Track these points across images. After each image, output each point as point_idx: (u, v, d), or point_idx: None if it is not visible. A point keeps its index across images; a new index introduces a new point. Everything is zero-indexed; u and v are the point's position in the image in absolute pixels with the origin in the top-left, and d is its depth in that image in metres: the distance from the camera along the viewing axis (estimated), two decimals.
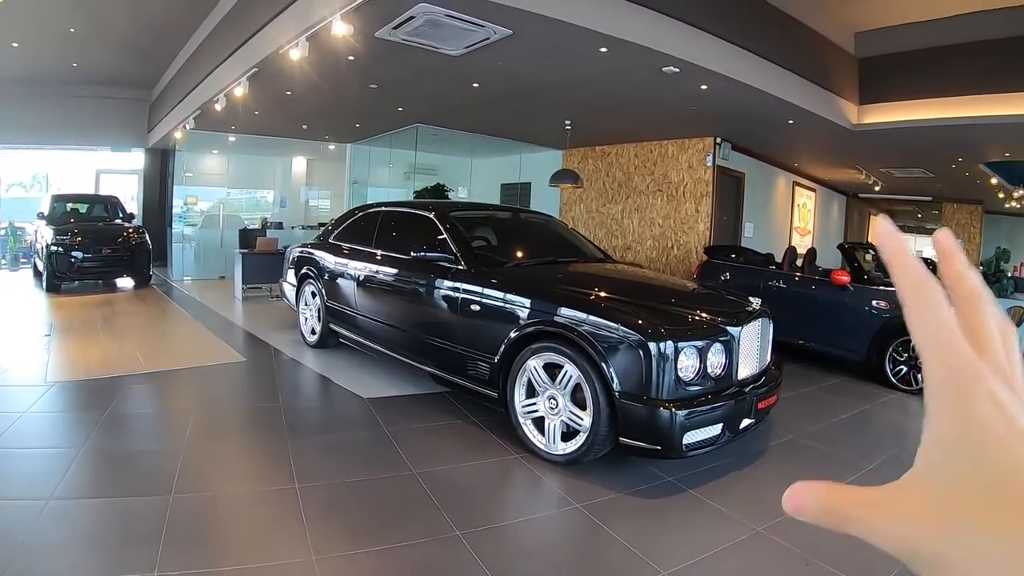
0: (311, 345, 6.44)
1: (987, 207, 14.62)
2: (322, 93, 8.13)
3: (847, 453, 4.24)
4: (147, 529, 2.75)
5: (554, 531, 3.10)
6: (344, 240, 6.12)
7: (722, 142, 9.77)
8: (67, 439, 3.86)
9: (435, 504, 3.17)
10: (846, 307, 6.52)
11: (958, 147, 9.30)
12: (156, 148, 13.97)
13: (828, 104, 7.93)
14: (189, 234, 12.98)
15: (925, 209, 17.18)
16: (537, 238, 5.73)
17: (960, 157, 10.12)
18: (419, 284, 4.84)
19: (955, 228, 15.17)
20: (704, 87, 6.77)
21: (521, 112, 9.03)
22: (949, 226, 15.11)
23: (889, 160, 11.21)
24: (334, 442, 4.10)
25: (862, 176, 12.92)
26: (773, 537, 2.99)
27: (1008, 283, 8.31)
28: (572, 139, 10.78)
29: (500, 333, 4.02)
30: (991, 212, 14.71)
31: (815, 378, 6.43)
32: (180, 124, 10.42)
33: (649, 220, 10.71)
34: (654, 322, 3.43)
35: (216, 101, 8.36)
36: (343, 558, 2.64)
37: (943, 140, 8.71)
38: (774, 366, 4.20)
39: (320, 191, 16.11)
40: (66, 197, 11.63)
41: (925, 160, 10.85)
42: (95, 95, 13.04)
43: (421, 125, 10.52)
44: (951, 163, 10.64)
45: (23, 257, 13.26)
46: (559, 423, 3.72)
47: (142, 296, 9.78)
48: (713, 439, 3.48)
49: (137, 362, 5.69)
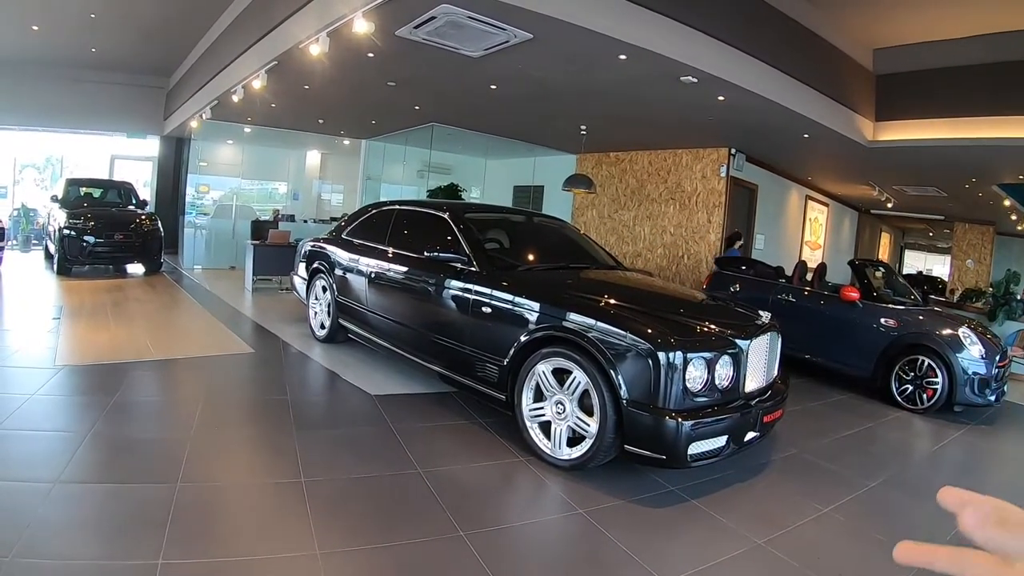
0: (320, 339, 6.47)
1: (999, 228, 14.56)
2: (340, 89, 8.18)
3: (849, 470, 4.25)
4: (152, 516, 2.77)
5: (556, 535, 3.11)
6: (357, 236, 6.14)
7: (736, 153, 9.76)
8: (74, 423, 3.89)
9: (439, 503, 3.19)
10: (854, 323, 6.52)
11: (972, 168, 9.27)
12: (171, 136, 14.03)
13: (844, 119, 7.93)
14: (201, 223, 13.02)
15: (937, 228, 17.13)
16: (550, 243, 5.74)
17: (974, 178, 10.08)
18: (430, 283, 4.85)
19: (966, 248, 15.13)
20: (721, 98, 6.78)
21: (537, 115, 9.06)
22: (960, 246, 15.10)
23: (903, 178, 11.18)
24: (341, 437, 4.12)
25: (875, 192, 12.89)
26: (773, 550, 3.00)
27: (1017, 306, 8.28)
28: (587, 144, 10.78)
29: (510, 336, 4.04)
30: (1003, 234, 14.65)
31: (821, 393, 6.43)
32: (197, 113, 10.47)
33: (661, 228, 10.71)
34: (664, 332, 3.44)
35: (234, 92, 8.40)
36: (347, 553, 2.66)
37: (957, 160, 8.70)
38: (781, 380, 4.22)
39: (333, 185, 16.12)
40: (80, 181, 11.69)
41: (939, 179, 10.81)
42: (112, 81, 13.11)
43: (437, 124, 10.56)
44: (965, 183, 10.61)
45: (35, 239, 13.33)
46: (565, 428, 3.73)
47: (152, 283, 9.83)
48: (718, 451, 3.49)
49: (146, 349, 5.72)
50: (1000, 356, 6.03)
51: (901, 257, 20.90)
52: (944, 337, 5.95)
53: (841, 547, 3.14)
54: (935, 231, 17.99)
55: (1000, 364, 5.96)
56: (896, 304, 6.51)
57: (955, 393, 5.78)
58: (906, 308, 6.46)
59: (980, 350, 5.84)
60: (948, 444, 5.24)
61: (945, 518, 0.52)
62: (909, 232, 20.38)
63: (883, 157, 9.04)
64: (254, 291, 9.60)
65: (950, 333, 5.97)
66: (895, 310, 6.38)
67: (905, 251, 21.16)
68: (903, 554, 0.51)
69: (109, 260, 10.36)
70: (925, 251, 20.99)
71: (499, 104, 8.45)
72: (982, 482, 4.45)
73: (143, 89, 13.54)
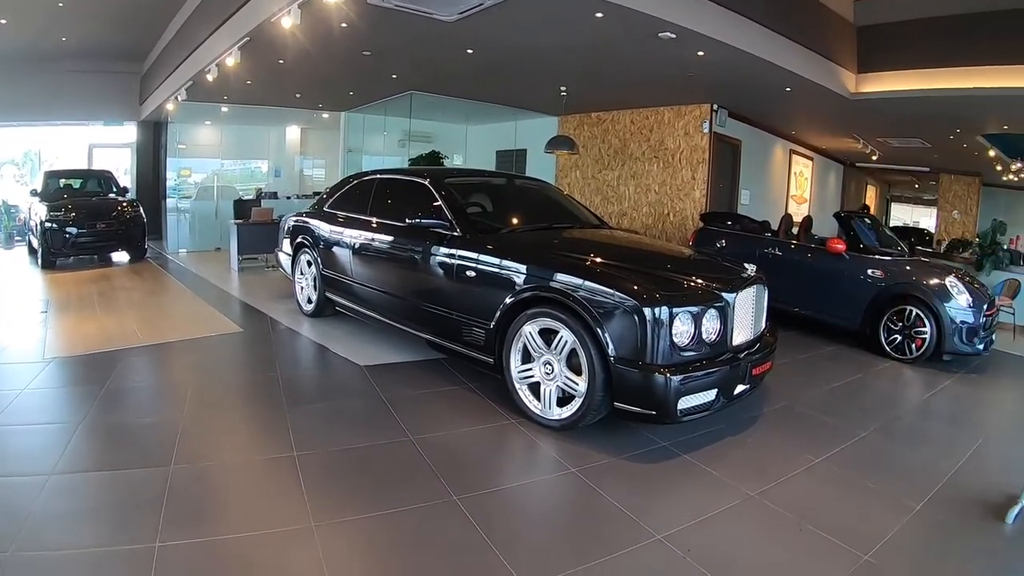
0: (307, 314, 6.45)
1: (985, 180, 14.53)
2: (315, 61, 8.03)
3: (839, 421, 4.28)
4: (148, 499, 2.77)
5: (549, 495, 3.12)
6: (339, 208, 6.08)
7: (719, 109, 9.69)
8: (67, 414, 3.87)
9: (432, 469, 3.19)
10: (841, 275, 6.54)
11: (957, 118, 9.24)
12: (148, 121, 13.80)
13: (826, 72, 7.87)
14: (184, 206, 12.89)
15: (923, 180, 17.11)
16: (533, 204, 5.69)
17: (958, 128, 10.06)
18: (414, 251, 4.82)
19: (952, 199, 15.15)
20: (701, 53, 6.69)
21: (516, 79, 8.93)
22: (946, 198, 15.12)
23: (887, 130, 11.15)
24: (331, 410, 4.12)
25: (860, 145, 12.86)
26: (766, 502, 3.03)
27: (1004, 255, 8.30)
28: (568, 105, 10.67)
29: (495, 299, 4.02)
30: (989, 185, 14.61)
31: (810, 346, 6.46)
32: (172, 96, 10.26)
33: (645, 187, 10.67)
34: (649, 288, 3.43)
35: (208, 71, 8.25)
36: (342, 524, 2.67)
37: (942, 111, 8.67)
38: (769, 333, 4.22)
39: (315, 160, 15.96)
40: (59, 173, 11.51)
41: (923, 131, 10.79)
42: (86, 69, 12.81)
43: (416, 92, 10.39)
44: (949, 134, 10.58)
45: (17, 236, 13.19)
46: (555, 388, 3.73)
47: (138, 270, 9.73)
48: (708, 405, 3.50)
49: (134, 335, 5.68)
50: (988, 305, 6.05)
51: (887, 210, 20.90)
52: (932, 287, 5.96)
53: (835, 497, 3.16)
54: (921, 183, 17.98)
55: (988, 313, 5.99)
56: (883, 255, 6.52)
57: (944, 342, 5.81)
58: (893, 259, 6.47)
59: (968, 299, 5.86)
60: (938, 393, 5.27)
61: (936, 464, 0.50)
62: (895, 185, 20.35)
63: (866, 109, 9.00)
64: (240, 271, 9.54)
65: (937, 283, 5.98)
66: (882, 261, 6.39)
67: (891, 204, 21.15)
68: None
69: (93, 250, 10.22)
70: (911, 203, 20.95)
71: (477, 69, 8.32)
72: (973, 430, 4.48)
73: (117, 75, 13.25)
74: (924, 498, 3.15)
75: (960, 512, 3.04)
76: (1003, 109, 8.14)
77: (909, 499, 3.13)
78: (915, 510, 3.03)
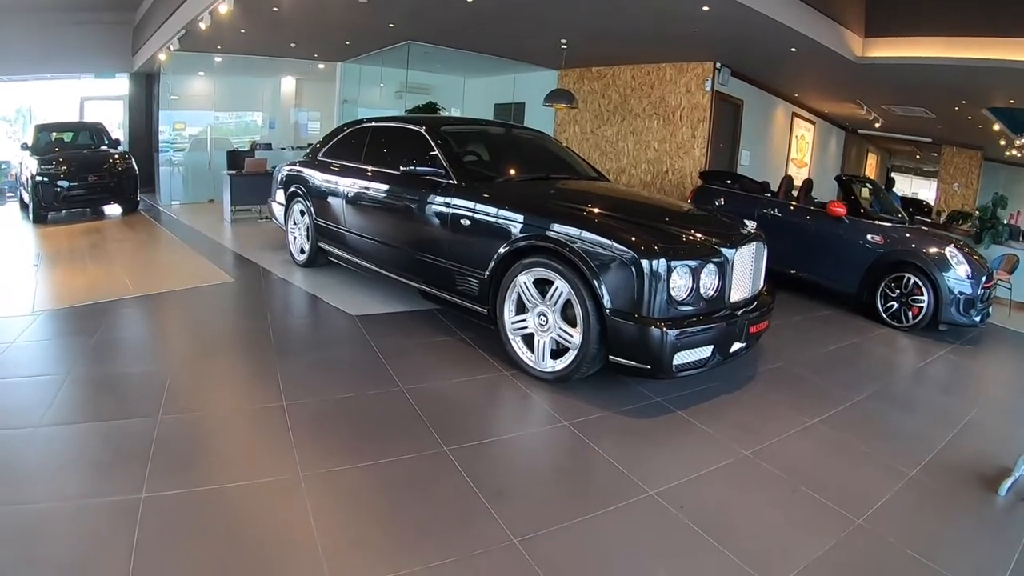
0: (300, 264, 6.38)
1: (987, 154, 14.41)
2: (310, 8, 7.84)
3: (834, 384, 4.26)
4: (134, 450, 2.73)
5: (541, 448, 3.10)
6: (333, 157, 5.96)
7: (721, 67, 9.51)
8: (55, 366, 3.82)
9: (423, 420, 3.16)
10: (841, 240, 6.47)
11: (962, 89, 9.10)
12: (141, 72, 13.57)
13: (832, 34, 7.70)
14: (177, 159, 12.70)
15: (924, 150, 16.96)
16: (529, 154, 5.57)
17: (964, 99, 9.92)
18: (409, 199, 4.73)
19: (953, 172, 15.04)
20: (705, 8, 6.50)
21: (515, 30, 8.72)
22: (947, 170, 15.00)
23: (891, 97, 11.00)
24: (322, 360, 4.07)
25: (863, 111, 12.70)
26: (760, 462, 3.01)
27: (1003, 230, 8.23)
28: (568, 59, 10.46)
29: (490, 248, 3.95)
30: (991, 159, 14.49)
31: (806, 308, 6.43)
32: (165, 45, 10.05)
33: (644, 143, 10.53)
34: (648, 240, 3.36)
35: (201, 20, 8.08)
36: (330, 474, 2.63)
37: (948, 80, 8.53)
38: (767, 292, 4.16)
39: (310, 112, 15.71)
40: (49, 126, 11.22)
41: (928, 100, 10.64)
42: (77, 20, 12.51)
43: (413, 43, 10.16)
44: (954, 105, 10.44)
45: (9, 191, 13.00)
46: (549, 340, 3.69)
47: (130, 222, 9.59)
48: (703, 361, 3.46)
49: (125, 287, 5.60)
50: (986, 277, 6.00)
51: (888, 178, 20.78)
52: (931, 255, 5.89)
53: (828, 460, 3.14)
54: (922, 154, 17.82)
55: (986, 285, 5.94)
56: (883, 221, 6.45)
57: (940, 312, 5.77)
58: (893, 225, 6.40)
59: (967, 270, 5.80)
60: (933, 362, 5.24)
61: (929, 433, 0.43)
62: (896, 154, 20.20)
63: (872, 74, 8.87)
64: (233, 222, 9.43)
65: (937, 252, 5.91)
66: (882, 227, 6.32)
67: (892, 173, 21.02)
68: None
69: (85, 203, 10.04)
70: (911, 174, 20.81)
71: (477, 19, 8.12)
72: (967, 401, 4.46)
73: (108, 26, 12.94)
74: (917, 465, 3.13)
75: (953, 481, 3.02)
76: (1010, 82, 8.00)
77: (902, 465, 3.11)
78: (908, 476, 3.01)
